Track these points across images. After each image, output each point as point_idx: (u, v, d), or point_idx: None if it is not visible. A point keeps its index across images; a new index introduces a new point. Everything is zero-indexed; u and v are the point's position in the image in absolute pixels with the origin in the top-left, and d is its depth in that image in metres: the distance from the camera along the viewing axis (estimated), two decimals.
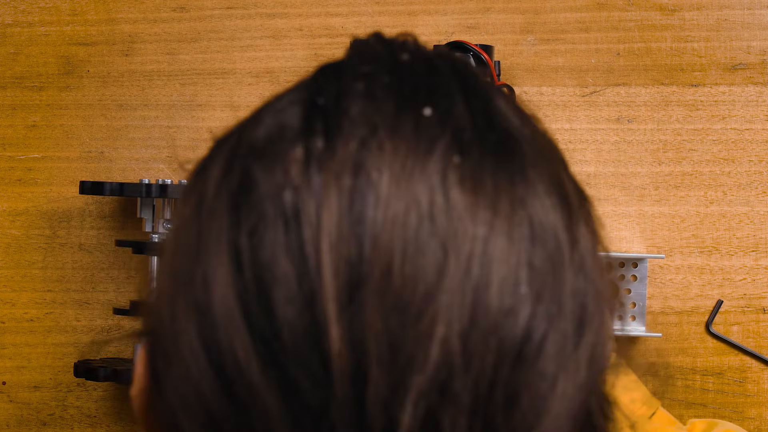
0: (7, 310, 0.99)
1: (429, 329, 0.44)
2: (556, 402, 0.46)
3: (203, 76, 0.99)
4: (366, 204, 0.45)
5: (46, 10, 0.99)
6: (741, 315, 0.98)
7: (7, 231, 0.99)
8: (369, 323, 0.44)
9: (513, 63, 0.98)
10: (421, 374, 0.43)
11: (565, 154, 0.52)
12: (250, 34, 0.99)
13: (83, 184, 0.92)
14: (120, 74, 0.99)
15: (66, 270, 0.99)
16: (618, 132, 0.98)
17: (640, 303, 0.95)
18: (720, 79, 0.98)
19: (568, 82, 0.98)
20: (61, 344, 0.99)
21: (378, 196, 0.45)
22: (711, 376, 0.98)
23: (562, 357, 0.46)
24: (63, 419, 0.99)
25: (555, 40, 0.98)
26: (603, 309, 0.49)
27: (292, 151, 0.47)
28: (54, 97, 0.99)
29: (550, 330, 0.46)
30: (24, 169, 0.99)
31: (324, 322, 0.43)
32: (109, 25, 0.99)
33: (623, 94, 0.98)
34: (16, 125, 0.99)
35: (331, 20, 0.98)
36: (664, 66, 0.98)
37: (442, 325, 0.44)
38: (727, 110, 0.98)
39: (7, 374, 0.99)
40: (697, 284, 0.98)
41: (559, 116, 0.98)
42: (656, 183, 0.98)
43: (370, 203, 0.45)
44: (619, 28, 0.98)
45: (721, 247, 0.98)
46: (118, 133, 0.99)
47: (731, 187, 0.98)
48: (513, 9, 0.98)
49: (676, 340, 0.98)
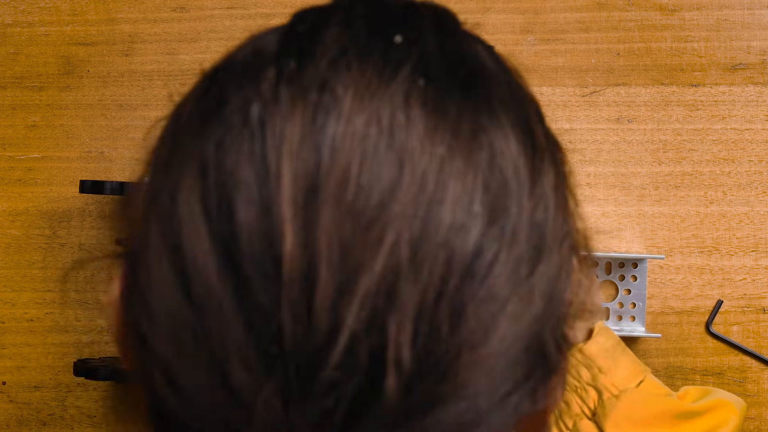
0: (7, 310, 0.99)
1: (379, 235, 0.45)
2: (504, 323, 0.47)
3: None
4: (329, 117, 0.47)
5: (46, 10, 0.99)
6: (741, 315, 0.98)
7: (7, 231, 0.99)
8: (322, 227, 0.45)
9: (513, 63, 0.98)
10: (367, 277, 0.45)
11: (542, 109, 0.53)
12: (250, 34, 0.99)
13: (83, 184, 0.92)
14: (120, 74, 0.99)
15: (66, 270, 0.99)
16: (618, 132, 0.98)
17: (640, 303, 0.95)
18: (720, 79, 0.98)
19: (568, 82, 0.98)
20: (61, 344, 0.99)
21: (341, 111, 0.47)
22: (711, 376, 0.98)
23: (515, 281, 0.48)
24: (63, 419, 0.99)
25: (555, 40, 0.98)
26: (565, 246, 0.51)
27: (266, 71, 0.49)
28: (54, 97, 0.99)
29: (502, 251, 0.47)
30: (24, 169, 0.99)
31: (279, 224, 0.45)
32: (109, 25, 0.99)
33: (623, 94, 0.98)
34: (16, 125, 0.99)
35: None
36: (664, 66, 0.98)
37: (392, 232, 0.46)
38: (727, 110, 0.98)
39: (7, 374, 0.99)
40: (697, 284, 0.98)
41: (559, 116, 0.98)
42: (656, 183, 0.98)
43: (332, 117, 0.47)
44: (619, 28, 0.98)
45: (721, 247, 0.98)
46: (118, 133, 0.99)
47: (731, 187, 0.98)
48: (513, 9, 0.98)
49: (676, 340, 0.98)
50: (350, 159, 0.46)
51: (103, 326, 0.99)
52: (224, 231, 0.46)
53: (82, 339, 0.99)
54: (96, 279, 0.99)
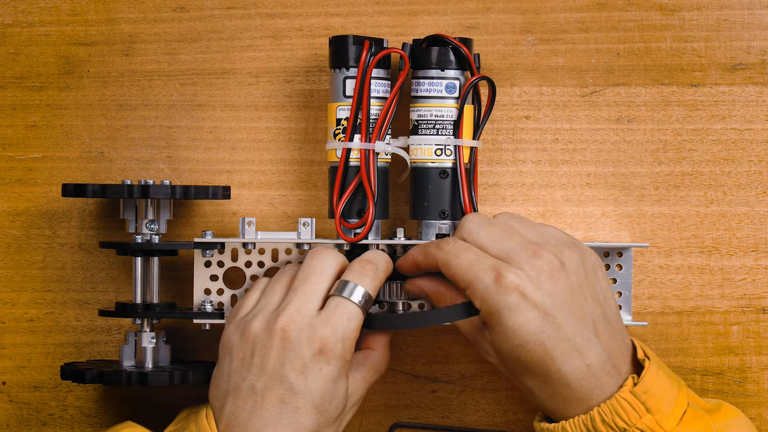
0: (7, 310, 0.99)
1: None
2: None
3: (203, 76, 0.99)
4: None
5: (46, 10, 0.99)
6: (741, 315, 0.98)
7: (7, 231, 0.99)
8: None
9: (513, 63, 0.98)
10: None
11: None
12: (250, 34, 0.99)
13: (65, 187, 0.92)
14: (120, 74, 0.99)
15: (66, 270, 0.99)
16: (618, 132, 0.98)
17: (626, 292, 0.95)
18: (720, 79, 0.98)
19: (568, 82, 0.98)
20: (61, 344, 0.99)
21: None
22: (711, 376, 0.98)
23: None
24: (63, 419, 0.99)
25: (555, 40, 0.98)
26: None
27: None
28: (54, 97, 0.99)
29: None
30: (24, 169, 0.99)
31: None
32: (109, 25, 0.99)
33: (623, 94, 0.98)
34: (16, 125, 0.99)
35: (331, 20, 0.98)
36: (664, 66, 0.98)
37: None
38: (727, 110, 0.98)
39: (7, 374, 0.99)
40: (697, 284, 0.98)
41: (559, 116, 0.98)
42: (656, 183, 0.98)
43: None
44: (619, 28, 0.98)
45: (721, 247, 0.98)
46: (118, 133, 0.99)
47: (731, 187, 0.98)
48: (513, 9, 0.98)
49: (676, 340, 0.98)
50: None
51: (103, 326, 0.99)
52: None
53: (82, 339, 0.99)
54: (96, 279, 0.99)
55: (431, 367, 0.99)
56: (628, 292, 0.95)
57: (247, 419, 0.84)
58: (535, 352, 0.83)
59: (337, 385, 0.85)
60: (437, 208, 0.92)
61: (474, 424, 0.99)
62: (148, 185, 0.91)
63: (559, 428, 0.84)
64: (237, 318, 0.88)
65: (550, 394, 0.85)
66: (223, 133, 0.99)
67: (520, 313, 0.83)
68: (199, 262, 0.94)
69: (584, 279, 0.85)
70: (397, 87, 0.91)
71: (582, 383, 0.83)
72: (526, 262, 0.84)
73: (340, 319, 0.85)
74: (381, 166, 0.92)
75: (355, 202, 0.92)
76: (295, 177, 0.99)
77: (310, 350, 0.84)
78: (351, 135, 0.91)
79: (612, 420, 0.83)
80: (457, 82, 0.92)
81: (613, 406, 0.83)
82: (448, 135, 0.92)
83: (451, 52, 0.92)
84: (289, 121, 0.99)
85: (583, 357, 0.83)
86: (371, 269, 0.87)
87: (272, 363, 0.84)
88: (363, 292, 0.86)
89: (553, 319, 0.83)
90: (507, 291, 0.83)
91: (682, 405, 0.85)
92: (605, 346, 0.84)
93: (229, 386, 0.86)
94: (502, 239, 0.86)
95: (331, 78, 0.93)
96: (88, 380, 0.91)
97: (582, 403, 0.84)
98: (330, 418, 0.85)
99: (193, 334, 0.99)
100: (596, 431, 0.83)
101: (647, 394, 0.83)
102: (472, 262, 0.85)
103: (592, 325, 0.84)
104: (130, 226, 0.94)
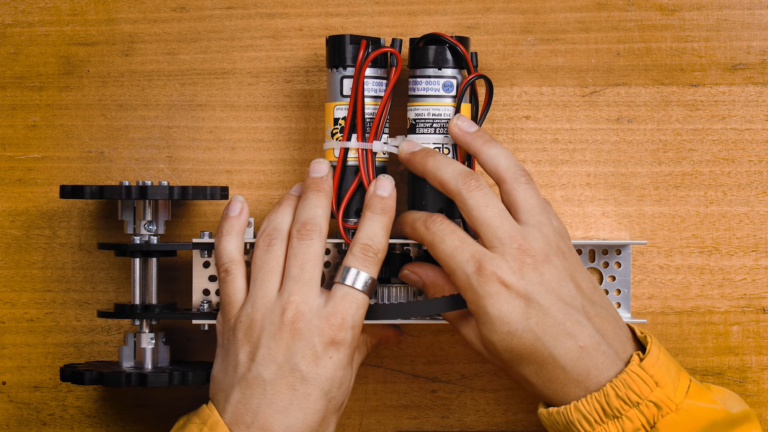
0: (7, 310, 1.00)
1: None
2: None
3: (203, 76, 0.99)
4: None
5: (46, 10, 0.99)
6: (741, 315, 0.98)
7: (7, 231, 0.99)
8: None
9: (513, 63, 0.98)
10: None
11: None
12: (250, 34, 0.99)
13: (63, 189, 0.92)
14: (120, 74, 0.99)
15: (66, 270, 0.99)
16: (618, 132, 0.98)
17: (625, 290, 0.96)
18: (720, 79, 0.98)
19: (568, 82, 0.98)
20: (61, 344, 0.99)
21: None
22: (711, 376, 0.98)
23: None
24: (63, 419, 0.99)
25: (555, 40, 0.98)
26: None
27: None
28: (54, 97, 0.99)
29: None
30: (24, 169, 0.99)
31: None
32: (109, 25, 0.99)
33: (623, 94, 0.98)
34: (16, 125, 1.00)
35: (331, 20, 0.99)
36: (664, 66, 0.98)
37: None
38: (727, 110, 0.98)
39: (7, 374, 1.00)
40: (697, 284, 0.98)
41: (559, 116, 0.98)
42: (656, 183, 0.98)
43: None
44: (619, 28, 0.98)
45: (721, 247, 0.98)
46: (118, 133, 0.99)
47: (731, 187, 0.98)
48: (513, 9, 0.98)
49: (676, 340, 0.98)
50: None
51: (103, 326, 0.99)
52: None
53: (82, 339, 0.99)
54: (96, 279, 0.99)
55: (431, 367, 0.99)
56: (627, 290, 0.95)
57: (257, 406, 0.85)
58: (526, 338, 0.84)
59: (345, 372, 0.87)
60: (435, 207, 0.92)
61: (474, 424, 0.99)
62: (145, 186, 0.91)
63: (571, 408, 0.85)
64: (234, 311, 0.88)
65: (547, 379, 0.85)
66: (222, 133, 0.99)
67: (503, 302, 0.84)
68: (197, 263, 0.94)
69: (571, 271, 0.86)
70: (390, 86, 0.91)
71: (577, 365, 0.84)
72: (509, 253, 0.84)
73: (349, 309, 0.86)
74: (379, 165, 0.92)
75: (354, 202, 0.92)
76: (295, 177, 0.99)
77: (322, 340, 0.85)
78: (348, 134, 0.91)
79: (626, 394, 0.83)
80: (455, 80, 0.92)
81: (625, 380, 0.84)
82: (446, 134, 0.92)
83: (448, 50, 0.92)
84: (288, 121, 0.99)
85: (575, 339, 0.84)
86: (371, 253, 0.88)
87: (282, 353, 0.85)
88: (366, 278, 0.87)
89: (539, 305, 0.84)
90: (488, 282, 0.84)
91: (685, 379, 0.86)
92: (597, 328, 0.85)
93: (235, 378, 0.86)
94: (493, 224, 0.86)
95: (329, 77, 0.93)
96: (88, 382, 0.91)
97: (580, 385, 0.84)
98: (336, 405, 0.87)
99: (192, 334, 0.99)
100: (611, 407, 0.84)
101: (654, 368, 0.84)
102: (455, 250, 0.86)
103: (582, 309, 0.85)
104: (129, 227, 0.94)
